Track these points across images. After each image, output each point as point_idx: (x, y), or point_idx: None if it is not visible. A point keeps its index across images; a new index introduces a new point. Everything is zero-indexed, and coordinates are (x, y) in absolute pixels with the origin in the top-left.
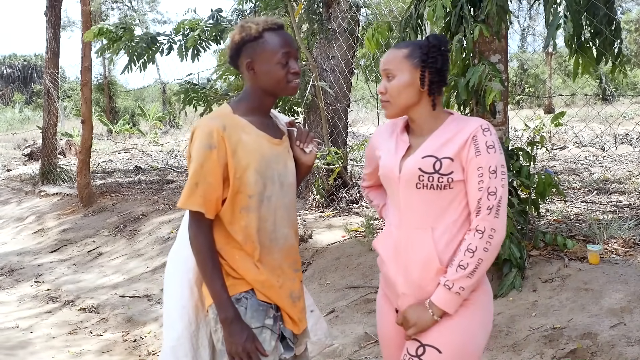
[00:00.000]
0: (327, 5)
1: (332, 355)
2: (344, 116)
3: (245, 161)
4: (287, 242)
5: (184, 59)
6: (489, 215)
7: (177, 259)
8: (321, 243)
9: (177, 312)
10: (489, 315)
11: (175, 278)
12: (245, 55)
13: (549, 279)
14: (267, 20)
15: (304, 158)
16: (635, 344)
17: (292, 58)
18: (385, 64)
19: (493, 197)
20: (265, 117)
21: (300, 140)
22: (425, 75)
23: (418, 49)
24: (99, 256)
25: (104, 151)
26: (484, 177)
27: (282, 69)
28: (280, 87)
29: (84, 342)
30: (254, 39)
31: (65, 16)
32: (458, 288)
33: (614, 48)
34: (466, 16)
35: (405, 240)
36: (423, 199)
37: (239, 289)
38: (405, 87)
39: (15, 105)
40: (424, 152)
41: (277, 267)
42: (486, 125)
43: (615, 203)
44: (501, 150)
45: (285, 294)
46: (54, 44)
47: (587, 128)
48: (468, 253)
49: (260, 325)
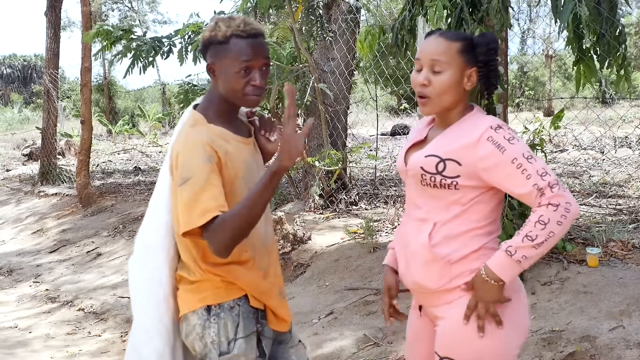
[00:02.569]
0: (327, 7)
1: (331, 357)
2: (344, 118)
3: (233, 172)
4: (272, 240)
5: (183, 63)
6: (558, 190)
7: (144, 271)
8: (320, 245)
9: (155, 327)
10: (515, 326)
11: (147, 292)
12: (209, 57)
13: (547, 282)
14: (240, 25)
15: (269, 147)
16: (634, 347)
17: (256, 70)
18: (435, 54)
19: (546, 175)
20: (234, 119)
21: (264, 129)
22: (484, 76)
23: (472, 45)
24: (98, 257)
25: (104, 152)
26: (524, 165)
27: (241, 80)
28: (237, 97)
29: (82, 343)
30: (219, 43)
31: (66, 16)
32: (520, 256)
33: (619, 55)
34: (466, 18)
35: (409, 232)
36: (428, 194)
37: (233, 295)
38: (453, 84)
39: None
40: (428, 151)
41: (268, 267)
42: (496, 123)
43: (614, 206)
44: (521, 140)
45: (275, 292)
46: (54, 44)
47: (586, 131)
48: (539, 225)
49: (250, 333)
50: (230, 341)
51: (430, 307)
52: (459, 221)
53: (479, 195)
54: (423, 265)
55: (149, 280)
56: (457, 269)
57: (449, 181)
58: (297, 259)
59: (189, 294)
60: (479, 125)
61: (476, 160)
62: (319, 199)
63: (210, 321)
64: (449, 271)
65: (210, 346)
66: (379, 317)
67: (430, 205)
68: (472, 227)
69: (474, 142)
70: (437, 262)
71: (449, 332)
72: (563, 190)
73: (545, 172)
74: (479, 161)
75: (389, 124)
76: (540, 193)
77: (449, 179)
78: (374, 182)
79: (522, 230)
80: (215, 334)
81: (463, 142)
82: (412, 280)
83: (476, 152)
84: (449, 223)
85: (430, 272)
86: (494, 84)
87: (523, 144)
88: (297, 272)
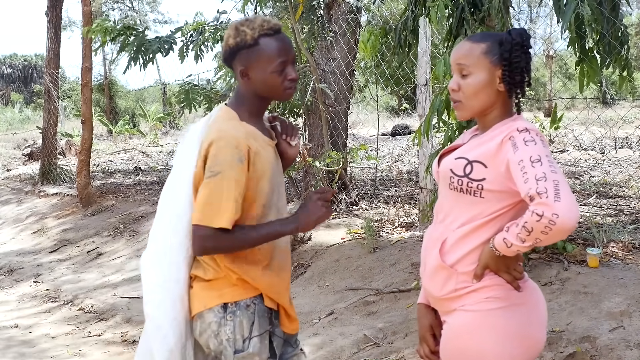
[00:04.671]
0: (328, 7)
1: (331, 357)
2: (344, 118)
3: (261, 171)
4: (287, 240)
5: (184, 61)
6: (547, 198)
7: (160, 269)
8: (321, 245)
9: (169, 324)
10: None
11: (164, 290)
12: (239, 62)
13: (548, 282)
14: (263, 24)
15: (290, 151)
16: (634, 348)
17: (289, 64)
18: (460, 58)
19: (543, 180)
20: (261, 120)
21: (286, 133)
22: (507, 75)
23: (498, 44)
24: (99, 256)
25: (104, 152)
26: (526, 168)
27: (279, 77)
28: (276, 93)
29: (83, 342)
30: (249, 46)
31: (66, 16)
32: (515, 250)
33: (621, 56)
34: (467, 18)
35: (432, 235)
36: (455, 200)
37: (249, 293)
38: (483, 87)
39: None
40: (459, 153)
41: (284, 267)
42: (523, 126)
43: (615, 206)
44: (545, 145)
45: (288, 293)
46: (54, 44)
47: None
48: (524, 230)
49: (264, 332)
50: (245, 339)
51: (439, 311)
52: (476, 234)
53: (502, 210)
54: (432, 271)
55: (166, 279)
56: (462, 280)
57: (475, 184)
58: (297, 259)
59: (204, 291)
60: (508, 126)
61: (499, 162)
62: None
63: (227, 319)
64: (454, 281)
65: (225, 344)
66: (379, 318)
67: (455, 213)
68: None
69: (499, 144)
70: (445, 269)
71: (447, 339)
72: (554, 200)
73: (544, 177)
74: (500, 163)
75: (390, 124)
76: (530, 199)
77: (475, 182)
78: (374, 182)
79: (515, 227)
80: (231, 331)
81: (491, 144)
82: (423, 284)
83: (500, 153)
84: (466, 234)
85: (435, 279)
86: (518, 83)
87: (539, 147)
88: (297, 272)
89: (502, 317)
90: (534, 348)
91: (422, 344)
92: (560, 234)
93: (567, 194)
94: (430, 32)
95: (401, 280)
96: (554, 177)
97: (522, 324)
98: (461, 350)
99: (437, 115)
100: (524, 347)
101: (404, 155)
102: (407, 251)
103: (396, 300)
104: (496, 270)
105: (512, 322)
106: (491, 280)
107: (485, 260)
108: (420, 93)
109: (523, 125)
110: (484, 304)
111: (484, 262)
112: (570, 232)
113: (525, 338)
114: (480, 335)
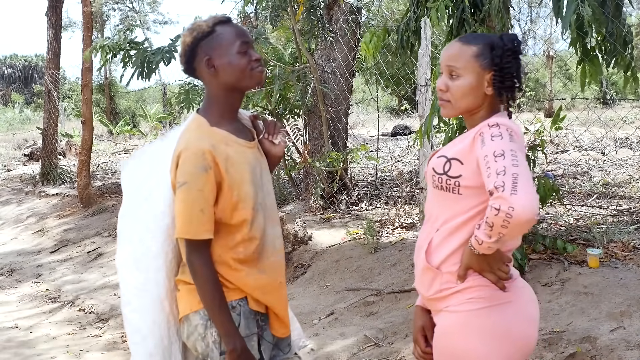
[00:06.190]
0: (328, 7)
1: (331, 357)
2: (345, 119)
3: (238, 176)
4: (280, 240)
5: None
6: (503, 192)
7: (139, 270)
8: (321, 245)
9: (148, 328)
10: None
11: (143, 292)
12: (201, 53)
13: (548, 283)
14: (214, 16)
15: (274, 150)
16: (634, 348)
17: (249, 47)
18: (449, 59)
19: (502, 174)
20: (236, 121)
21: (268, 132)
22: (498, 80)
23: (489, 48)
24: (99, 257)
25: (105, 152)
26: (490, 163)
27: (243, 58)
28: (244, 77)
29: (83, 343)
30: (207, 35)
31: (67, 17)
32: (487, 247)
33: (626, 55)
34: (467, 18)
35: (421, 236)
36: (438, 199)
37: (234, 295)
38: (471, 90)
39: (16, 106)
40: (441, 152)
41: (279, 267)
42: (494, 121)
43: (615, 207)
44: (512, 140)
45: (283, 294)
46: (55, 44)
47: (587, 132)
48: (487, 226)
49: (251, 334)
50: None
51: (431, 311)
52: (457, 234)
53: (480, 207)
54: (420, 272)
55: (145, 281)
56: (446, 280)
57: (453, 181)
58: (297, 259)
59: (190, 294)
60: (483, 124)
61: (472, 158)
62: (320, 200)
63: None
64: (439, 281)
65: (212, 346)
66: (379, 318)
67: (438, 211)
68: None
69: (472, 140)
70: (430, 270)
71: (436, 340)
72: (511, 193)
73: (503, 171)
74: (474, 158)
75: (390, 124)
76: (490, 193)
77: (453, 179)
78: (374, 182)
79: (483, 224)
80: (217, 333)
81: (466, 141)
82: (415, 285)
83: (473, 149)
84: (449, 233)
85: (423, 279)
86: (509, 88)
87: (505, 142)
88: (297, 272)
89: (486, 317)
90: (525, 346)
91: (415, 345)
92: (519, 228)
93: (524, 187)
94: (430, 33)
95: (401, 280)
96: (514, 171)
97: (509, 322)
98: (449, 350)
99: (437, 115)
100: (514, 345)
101: (404, 155)
102: (408, 251)
103: (396, 300)
104: (480, 271)
105: (499, 321)
106: (475, 281)
107: (467, 261)
108: (420, 93)
109: (494, 121)
110: (467, 304)
111: (466, 263)
112: (529, 225)
113: (514, 337)
114: (465, 336)
